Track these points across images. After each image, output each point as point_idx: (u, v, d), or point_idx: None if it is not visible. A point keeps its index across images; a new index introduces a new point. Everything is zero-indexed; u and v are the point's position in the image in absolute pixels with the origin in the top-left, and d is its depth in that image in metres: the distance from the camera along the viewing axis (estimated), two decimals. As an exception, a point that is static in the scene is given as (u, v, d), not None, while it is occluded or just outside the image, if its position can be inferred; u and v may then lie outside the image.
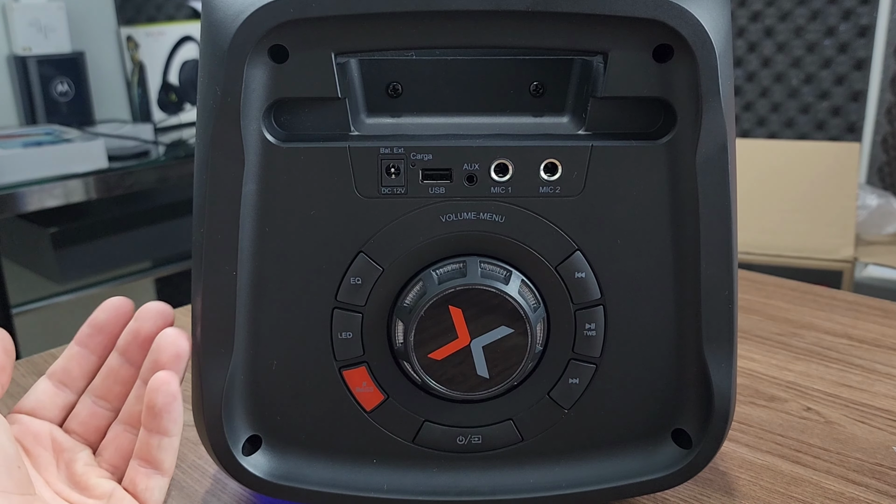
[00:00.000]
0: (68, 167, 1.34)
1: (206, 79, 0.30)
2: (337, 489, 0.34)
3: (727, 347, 0.33)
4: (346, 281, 0.33)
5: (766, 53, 1.72)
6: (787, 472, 0.40)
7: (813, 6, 1.66)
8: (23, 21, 1.61)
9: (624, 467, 0.35)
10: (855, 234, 1.43)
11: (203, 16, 0.30)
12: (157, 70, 1.79)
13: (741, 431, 0.44)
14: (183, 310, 0.64)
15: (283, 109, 0.32)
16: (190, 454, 0.42)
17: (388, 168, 0.32)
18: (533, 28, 0.30)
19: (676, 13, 0.29)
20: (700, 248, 0.32)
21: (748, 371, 0.51)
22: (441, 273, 0.32)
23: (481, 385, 0.32)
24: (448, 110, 0.33)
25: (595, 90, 0.31)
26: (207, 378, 0.33)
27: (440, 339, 0.32)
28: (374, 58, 0.33)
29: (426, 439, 0.34)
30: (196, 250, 0.32)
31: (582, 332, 0.33)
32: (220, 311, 0.32)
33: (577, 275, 0.33)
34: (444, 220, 0.32)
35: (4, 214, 1.29)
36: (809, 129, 1.73)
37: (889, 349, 0.54)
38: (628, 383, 0.34)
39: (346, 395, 0.34)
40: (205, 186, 0.31)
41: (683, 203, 0.32)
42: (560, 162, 0.32)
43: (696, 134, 0.31)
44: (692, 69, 0.30)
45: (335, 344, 0.33)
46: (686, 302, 0.33)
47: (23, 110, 1.65)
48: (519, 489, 0.34)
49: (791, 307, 0.62)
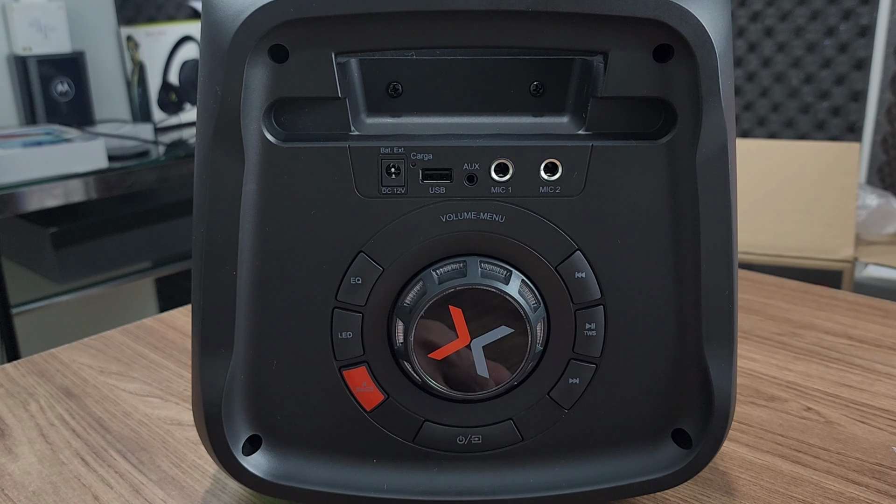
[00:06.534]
0: (68, 167, 1.35)
1: (206, 79, 0.30)
2: (337, 489, 0.34)
3: (727, 347, 0.33)
4: (346, 281, 0.33)
5: (766, 53, 1.72)
6: (787, 472, 0.40)
7: (813, 6, 1.66)
8: (23, 21, 1.61)
9: (624, 467, 0.35)
10: (855, 234, 1.44)
11: (203, 16, 0.30)
12: (157, 70, 1.79)
13: (741, 431, 0.44)
14: (183, 310, 0.64)
15: (283, 109, 0.32)
16: (190, 454, 0.42)
17: (389, 168, 0.32)
18: (533, 28, 0.30)
19: (676, 13, 0.29)
20: (700, 248, 0.32)
21: (748, 371, 0.51)
22: (441, 273, 0.32)
23: (481, 385, 0.32)
24: (448, 110, 0.33)
25: (595, 90, 0.31)
26: (207, 378, 0.33)
27: (440, 338, 0.32)
28: (375, 58, 0.33)
29: (426, 439, 0.34)
30: (196, 250, 0.32)
31: (582, 332, 0.33)
32: (220, 311, 0.32)
33: (578, 275, 0.33)
34: (445, 219, 0.32)
35: (4, 214, 1.29)
36: (809, 129, 1.73)
37: (889, 349, 0.54)
38: (628, 383, 0.34)
39: (347, 395, 0.34)
40: (205, 186, 0.31)
41: (683, 203, 0.32)
42: (560, 162, 0.32)
43: (696, 134, 0.31)
44: (692, 69, 0.30)
45: (335, 344, 0.33)
46: (686, 302, 0.33)
47: (23, 110, 1.65)
48: (519, 489, 0.34)
49: (791, 307, 0.62)
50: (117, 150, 1.49)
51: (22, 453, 0.42)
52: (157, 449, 0.43)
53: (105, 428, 0.45)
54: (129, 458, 0.42)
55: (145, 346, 0.57)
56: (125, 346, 0.57)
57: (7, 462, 0.42)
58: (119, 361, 0.54)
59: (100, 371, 0.53)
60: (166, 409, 0.47)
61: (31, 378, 0.52)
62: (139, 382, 0.51)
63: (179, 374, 0.52)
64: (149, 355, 0.55)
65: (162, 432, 0.44)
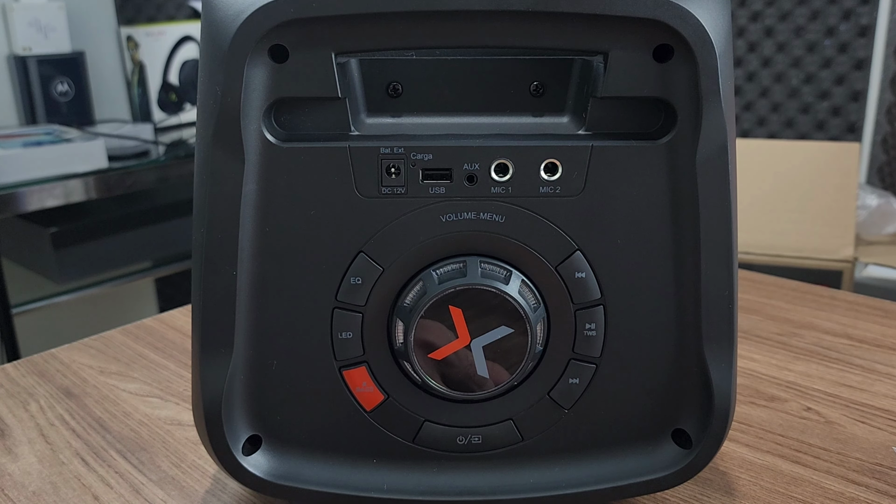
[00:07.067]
0: (68, 167, 1.35)
1: (206, 79, 0.30)
2: (337, 489, 0.34)
3: (727, 347, 0.33)
4: (346, 281, 0.33)
5: (766, 53, 1.72)
6: (787, 472, 0.40)
7: (813, 6, 1.66)
8: (23, 21, 1.61)
9: (624, 467, 0.35)
10: (855, 234, 1.44)
11: (203, 16, 0.30)
12: (157, 70, 1.79)
13: (741, 431, 0.44)
14: (183, 310, 0.64)
15: (283, 109, 0.32)
16: (190, 454, 0.42)
17: (389, 168, 0.32)
18: (533, 28, 0.30)
19: (676, 13, 0.29)
20: (700, 248, 0.32)
21: (748, 371, 0.51)
22: (441, 273, 0.32)
23: (481, 385, 0.32)
24: (448, 110, 0.33)
25: (595, 90, 0.31)
26: (207, 378, 0.33)
27: (440, 338, 0.32)
28: (375, 58, 0.33)
29: (426, 439, 0.34)
30: (196, 250, 0.32)
31: (582, 332, 0.33)
32: (220, 311, 0.32)
33: (577, 275, 0.33)
34: (445, 219, 0.32)
35: (4, 214, 1.29)
36: (809, 129, 1.73)
37: (889, 349, 0.54)
38: (628, 383, 0.34)
39: (346, 395, 0.34)
40: (205, 186, 0.31)
41: (683, 203, 0.32)
42: (560, 162, 0.32)
43: (696, 134, 0.31)
44: (692, 69, 0.30)
45: (335, 344, 0.33)
46: (686, 302, 0.33)
47: (23, 110, 1.65)
48: (519, 489, 0.34)
49: (791, 307, 0.62)
50: (117, 150, 1.49)
51: (22, 453, 0.42)
52: (157, 449, 0.43)
53: (105, 428, 0.45)
54: (129, 458, 0.42)
55: (145, 346, 0.57)
56: (125, 346, 0.57)
57: (7, 462, 0.42)
58: (119, 361, 0.54)
59: (100, 371, 0.53)
60: (166, 409, 0.47)
61: (31, 378, 0.52)
62: (139, 382, 0.51)
63: (179, 374, 0.52)
64: (149, 355, 0.55)
65: (162, 432, 0.44)
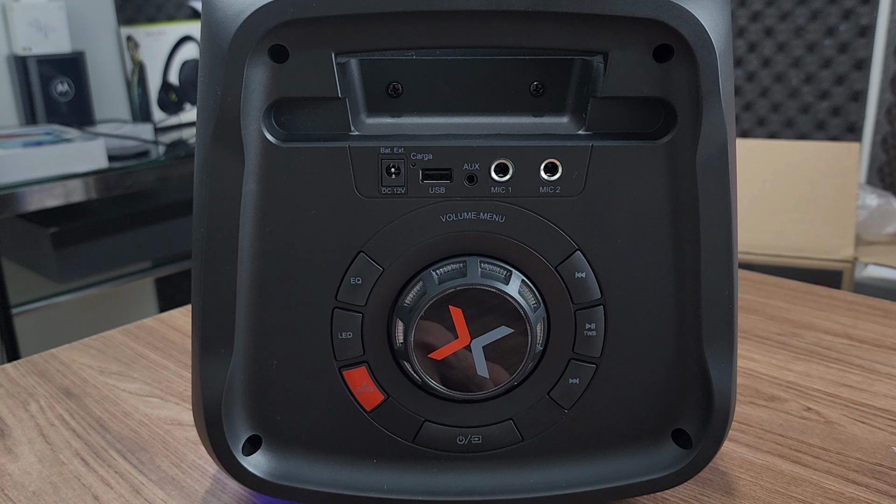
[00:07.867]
0: (68, 167, 1.35)
1: (206, 79, 0.30)
2: (337, 489, 0.34)
3: (727, 347, 0.33)
4: (346, 281, 0.33)
5: (766, 53, 1.72)
6: (787, 472, 0.40)
7: (813, 6, 1.66)
8: (23, 21, 1.61)
9: (624, 467, 0.35)
10: (855, 234, 1.44)
11: (203, 16, 0.30)
12: (157, 70, 1.79)
13: (741, 431, 0.44)
14: (183, 310, 0.64)
15: (283, 109, 0.32)
16: (190, 454, 0.42)
17: (389, 168, 0.32)
18: (533, 28, 0.30)
19: (676, 13, 0.29)
20: (700, 248, 0.32)
21: (748, 371, 0.51)
22: (441, 273, 0.32)
23: (481, 385, 0.32)
24: (448, 110, 0.33)
25: (595, 90, 0.31)
26: (207, 378, 0.33)
27: (440, 339, 0.32)
28: (375, 58, 0.33)
29: (426, 439, 0.34)
30: (196, 250, 0.32)
31: (582, 332, 0.33)
32: (220, 311, 0.32)
33: (577, 275, 0.33)
34: (445, 219, 0.32)
35: (4, 214, 1.29)
36: (809, 129, 1.73)
37: (889, 349, 0.54)
38: (628, 383, 0.34)
39: (347, 395, 0.34)
40: (205, 186, 0.31)
41: (683, 203, 0.32)
42: (560, 162, 0.32)
43: (696, 134, 0.31)
44: (692, 69, 0.30)
45: (335, 344, 0.33)
46: (686, 302, 0.33)
47: (23, 110, 1.65)
48: (519, 489, 0.34)
49: (791, 307, 0.62)
50: (117, 150, 1.49)
51: (22, 453, 0.42)
52: (157, 449, 0.43)
53: (105, 428, 0.45)
54: (129, 458, 0.42)
55: (145, 346, 0.57)
56: (125, 346, 0.57)
57: (7, 462, 0.42)
58: (119, 361, 0.54)
59: (100, 371, 0.53)
60: (166, 409, 0.47)
61: (31, 378, 0.52)
62: (139, 382, 0.51)
63: (179, 374, 0.52)
64: (149, 355, 0.55)
65: (162, 432, 0.44)
